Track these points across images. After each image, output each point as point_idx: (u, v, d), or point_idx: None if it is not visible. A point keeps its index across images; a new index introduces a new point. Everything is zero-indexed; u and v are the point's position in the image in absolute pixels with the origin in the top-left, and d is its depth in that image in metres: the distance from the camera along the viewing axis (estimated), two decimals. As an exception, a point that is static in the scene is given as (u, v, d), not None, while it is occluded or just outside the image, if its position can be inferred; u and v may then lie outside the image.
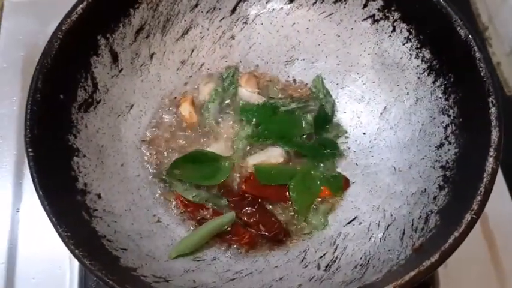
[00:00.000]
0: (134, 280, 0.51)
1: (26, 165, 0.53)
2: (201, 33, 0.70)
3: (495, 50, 0.96)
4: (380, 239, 0.58)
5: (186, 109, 0.69)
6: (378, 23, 0.66)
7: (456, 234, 0.50)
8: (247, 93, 0.70)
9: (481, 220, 0.72)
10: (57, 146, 0.57)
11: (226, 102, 0.71)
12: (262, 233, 0.62)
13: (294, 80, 0.72)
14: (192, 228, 0.63)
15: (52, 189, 0.52)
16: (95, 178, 0.59)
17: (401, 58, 0.65)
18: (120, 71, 0.65)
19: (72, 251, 0.49)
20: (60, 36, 0.57)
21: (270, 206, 0.65)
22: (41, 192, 0.51)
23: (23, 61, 0.82)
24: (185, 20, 0.68)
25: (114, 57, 0.64)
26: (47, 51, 0.56)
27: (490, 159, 0.52)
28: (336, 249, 0.60)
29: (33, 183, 0.52)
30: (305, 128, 0.69)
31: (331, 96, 0.71)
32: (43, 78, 0.55)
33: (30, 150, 0.53)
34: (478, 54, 0.57)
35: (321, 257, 0.59)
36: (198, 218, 0.63)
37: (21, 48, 0.84)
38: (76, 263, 0.69)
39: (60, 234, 0.50)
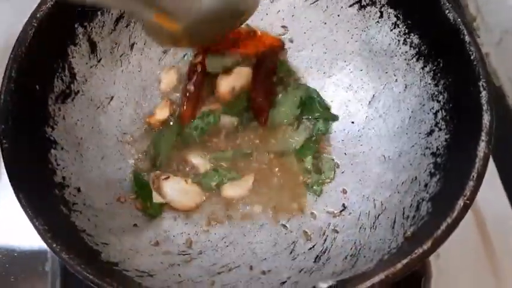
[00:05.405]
0: (115, 275, 0.50)
1: (1, 160, 0.51)
2: (183, 22, 0.68)
3: (483, 41, 0.94)
4: (370, 228, 0.57)
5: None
6: (364, 8, 0.65)
7: (449, 220, 0.48)
8: None
9: (474, 210, 0.71)
10: (33, 138, 0.55)
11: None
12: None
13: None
14: (175, 220, 0.61)
15: (28, 182, 0.51)
16: (74, 171, 0.57)
17: (389, 44, 0.64)
18: (99, 61, 0.63)
19: (49, 245, 0.48)
20: (35, 24, 0.55)
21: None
22: (15, 185, 0.49)
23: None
24: (167, 8, 0.66)
25: (93, 47, 0.62)
26: (21, 39, 0.55)
27: (482, 144, 0.51)
28: (325, 240, 0.58)
29: (7, 175, 0.50)
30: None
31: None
32: (17, 67, 0.54)
33: (4, 141, 0.51)
34: (467, 38, 0.56)
35: (310, 248, 0.58)
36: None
37: (-2, 39, 0.81)
38: (57, 261, 0.66)
39: (36, 228, 0.48)
